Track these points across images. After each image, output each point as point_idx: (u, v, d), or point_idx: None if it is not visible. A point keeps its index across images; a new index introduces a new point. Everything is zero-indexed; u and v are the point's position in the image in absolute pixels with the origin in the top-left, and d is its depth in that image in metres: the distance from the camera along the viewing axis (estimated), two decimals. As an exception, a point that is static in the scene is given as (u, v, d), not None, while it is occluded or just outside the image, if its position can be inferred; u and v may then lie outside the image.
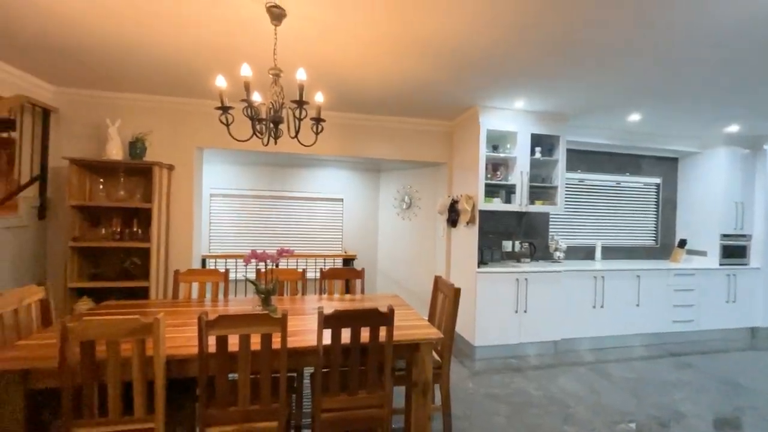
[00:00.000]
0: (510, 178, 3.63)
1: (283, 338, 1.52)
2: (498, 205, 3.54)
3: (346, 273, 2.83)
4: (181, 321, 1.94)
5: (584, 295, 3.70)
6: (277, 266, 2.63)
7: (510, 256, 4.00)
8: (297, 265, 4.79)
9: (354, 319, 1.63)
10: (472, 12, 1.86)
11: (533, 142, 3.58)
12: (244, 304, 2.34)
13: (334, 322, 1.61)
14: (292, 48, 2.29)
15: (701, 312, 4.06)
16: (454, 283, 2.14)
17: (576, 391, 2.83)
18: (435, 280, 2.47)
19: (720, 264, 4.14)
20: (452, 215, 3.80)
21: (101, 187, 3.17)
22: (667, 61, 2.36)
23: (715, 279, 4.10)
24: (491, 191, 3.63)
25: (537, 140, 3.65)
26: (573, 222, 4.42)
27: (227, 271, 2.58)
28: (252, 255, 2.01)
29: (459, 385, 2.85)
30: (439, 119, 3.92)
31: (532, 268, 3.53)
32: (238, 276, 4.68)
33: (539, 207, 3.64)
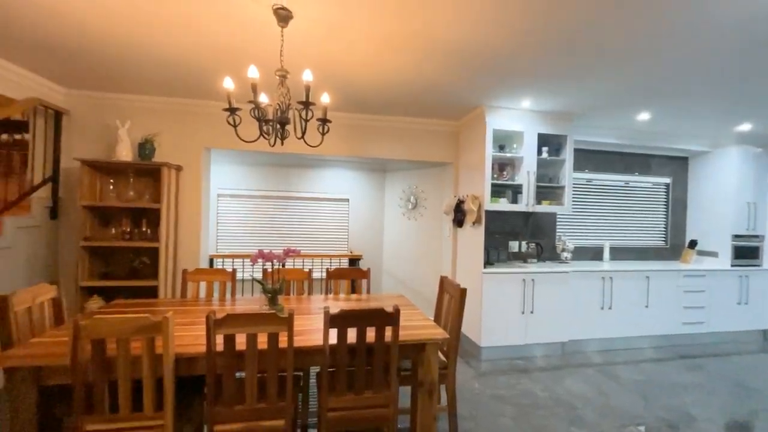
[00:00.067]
0: (516, 178, 3.60)
1: (290, 337, 1.54)
2: (504, 205, 3.53)
3: (352, 273, 2.84)
4: (189, 320, 1.96)
5: (592, 296, 3.66)
6: (284, 266, 2.64)
7: (516, 257, 3.97)
8: (303, 265, 4.82)
9: (360, 319, 1.63)
10: (480, 12, 1.85)
11: (540, 142, 3.56)
12: (251, 304, 2.36)
13: (340, 322, 1.61)
14: (299, 49, 2.31)
15: (712, 314, 3.99)
16: (460, 284, 2.14)
17: (583, 393, 2.80)
18: (441, 281, 2.46)
19: (731, 265, 4.07)
20: (458, 215, 3.79)
21: (111, 188, 3.22)
22: (677, 59, 2.33)
23: (727, 280, 4.03)
24: (498, 191, 3.61)
25: (544, 140, 3.62)
26: (581, 222, 4.38)
27: (234, 271, 2.61)
28: (259, 255, 2.02)
29: (465, 386, 2.84)
30: (445, 119, 3.91)
31: (539, 269, 3.50)
32: (245, 276, 4.72)
33: (546, 207, 3.62)
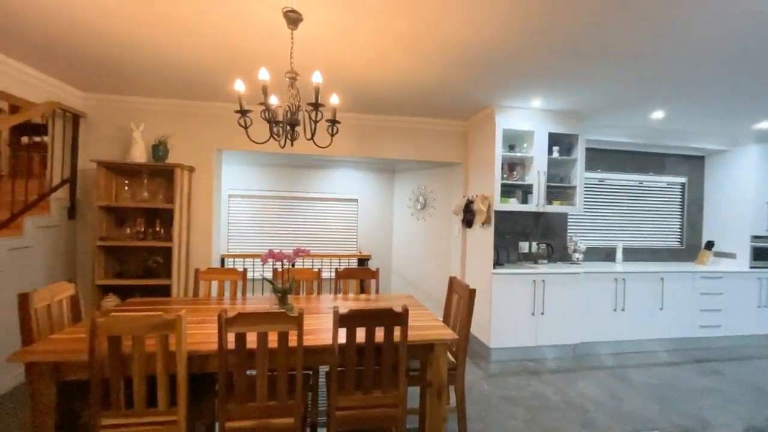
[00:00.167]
0: (527, 178, 3.57)
1: (300, 336, 1.55)
2: (514, 206, 3.50)
3: (361, 273, 2.85)
4: (201, 318, 2.00)
5: (604, 298, 3.60)
6: (294, 266, 2.66)
7: (527, 257, 3.93)
8: (313, 265, 4.86)
9: (369, 319, 1.64)
10: (489, 11, 1.84)
11: (551, 142, 3.52)
12: (262, 303, 2.39)
13: (349, 322, 1.62)
14: (309, 51, 2.33)
15: (730, 317, 3.89)
16: (470, 284, 2.13)
17: (595, 396, 2.76)
18: (450, 281, 2.46)
19: (750, 267, 3.95)
20: (467, 216, 3.77)
21: (126, 189, 3.30)
22: (691, 56, 2.28)
23: (746, 282, 3.92)
24: (507, 191, 3.58)
25: (555, 139, 3.58)
26: (593, 223, 4.31)
27: (245, 270, 2.64)
28: (269, 254, 2.05)
29: (474, 387, 2.82)
30: (454, 119, 3.90)
31: (550, 270, 3.46)
32: (256, 275, 4.78)
33: (557, 207, 3.57)
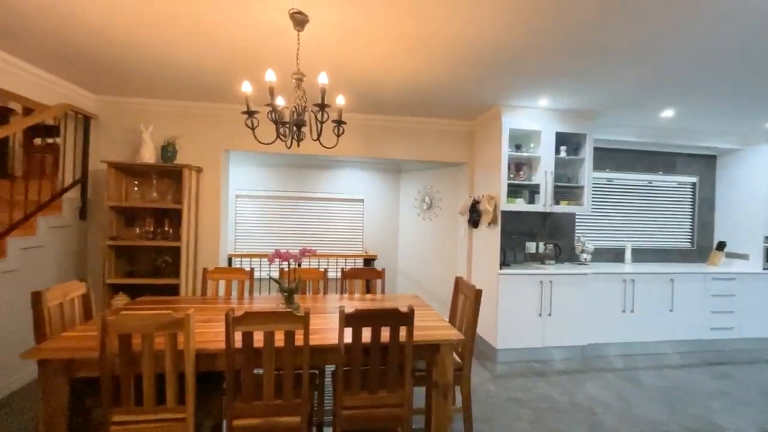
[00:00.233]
0: (534, 178, 3.54)
1: (306, 335, 1.56)
2: (521, 206, 3.47)
3: (367, 273, 2.86)
4: (209, 317, 2.02)
5: (613, 299, 3.56)
6: (300, 266, 2.69)
7: (534, 258, 3.90)
8: (319, 265, 4.88)
9: (374, 319, 1.64)
10: (494, 11, 1.83)
11: (558, 141, 3.49)
12: (269, 302, 2.41)
13: (355, 321, 1.63)
14: (314, 52, 2.34)
15: (742, 319, 3.82)
16: (476, 285, 2.12)
17: (603, 398, 2.73)
18: (456, 281, 2.45)
19: (763, 268, 3.87)
20: (474, 216, 3.76)
21: (136, 189, 3.35)
22: (702, 54, 2.24)
23: (759, 284, 3.84)
24: (514, 191, 3.56)
25: (562, 139, 3.55)
26: (601, 223, 4.27)
27: (252, 270, 2.66)
28: (276, 254, 2.06)
29: (480, 388, 2.81)
30: (460, 119, 3.88)
31: (557, 270, 3.43)
32: (263, 275, 4.81)
33: (564, 207, 3.54)
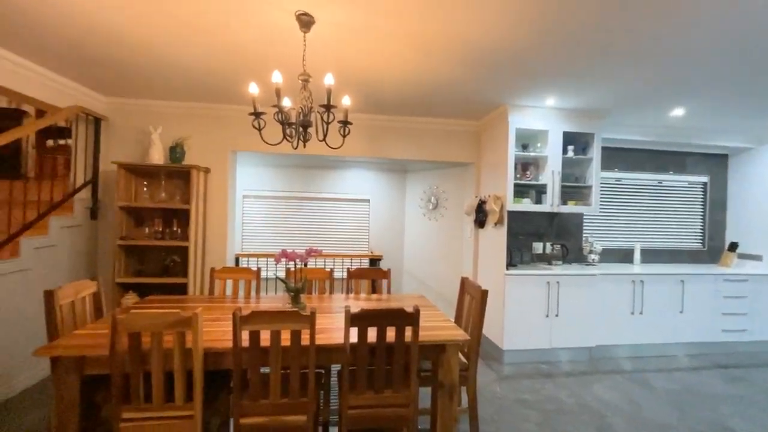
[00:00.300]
0: (541, 178, 3.52)
1: (312, 335, 1.57)
2: (528, 206, 3.45)
3: (373, 273, 2.86)
4: (217, 316, 2.04)
5: (621, 300, 3.52)
6: (306, 265, 2.70)
7: (541, 258, 3.87)
8: (325, 265, 4.90)
9: (380, 319, 1.65)
10: (499, 10, 1.82)
11: (566, 141, 3.46)
12: (275, 302, 2.42)
13: (361, 321, 1.63)
14: (320, 53, 2.35)
15: (755, 321, 3.74)
16: (482, 285, 2.12)
17: (612, 401, 2.69)
18: (462, 282, 2.44)
19: (777, 269, 3.80)
20: (480, 216, 3.74)
21: (145, 190, 3.40)
22: (713, 51, 2.20)
23: (772, 285, 3.77)
24: (521, 191, 3.54)
25: (570, 138, 3.52)
26: (609, 223, 4.22)
27: (259, 270, 2.68)
28: (282, 254, 2.08)
29: (487, 389, 2.80)
30: (467, 119, 3.87)
31: (564, 271, 3.40)
32: (269, 274, 4.85)
33: (572, 207, 3.51)
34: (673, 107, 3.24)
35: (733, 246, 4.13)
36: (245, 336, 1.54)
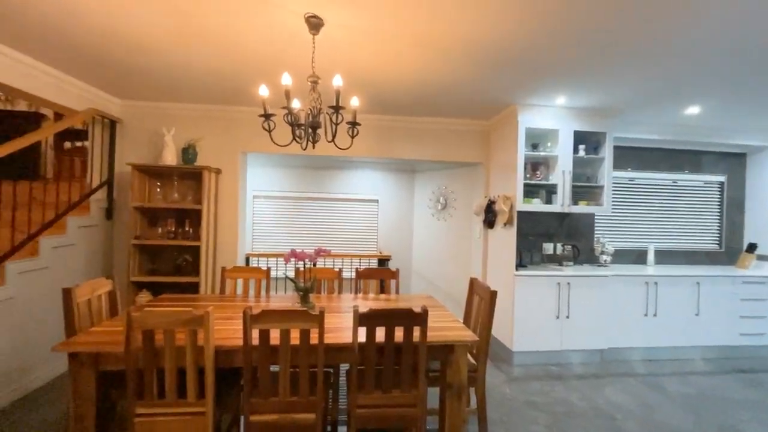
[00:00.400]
0: (551, 178, 3.48)
1: (321, 334, 1.58)
2: (538, 206, 3.41)
3: (381, 273, 2.87)
4: (228, 315, 2.07)
5: (634, 302, 3.45)
6: (315, 265, 2.72)
7: (551, 259, 3.83)
8: (333, 265, 4.92)
9: (388, 319, 1.65)
10: (509, 9, 1.81)
11: (577, 140, 3.41)
12: (285, 301, 2.45)
13: (369, 321, 1.64)
14: (328, 54, 2.37)
15: (775, 325, 3.64)
16: (491, 286, 2.10)
17: (624, 404, 2.65)
18: (470, 282, 2.43)
19: (798, 271, 3.69)
20: (489, 216, 3.72)
21: (158, 190, 3.47)
22: (729, 48, 2.15)
23: (793, 288, 3.65)
24: (531, 191, 3.50)
25: (581, 137, 3.47)
26: (622, 224, 4.14)
27: (269, 269, 2.71)
28: (291, 254, 2.10)
29: (496, 390, 2.78)
30: (475, 119, 3.85)
31: (575, 272, 3.35)
32: (279, 274, 4.89)
33: (583, 208, 3.46)
34: (688, 105, 3.17)
35: (752, 247, 4.01)
36: (255, 334, 1.56)
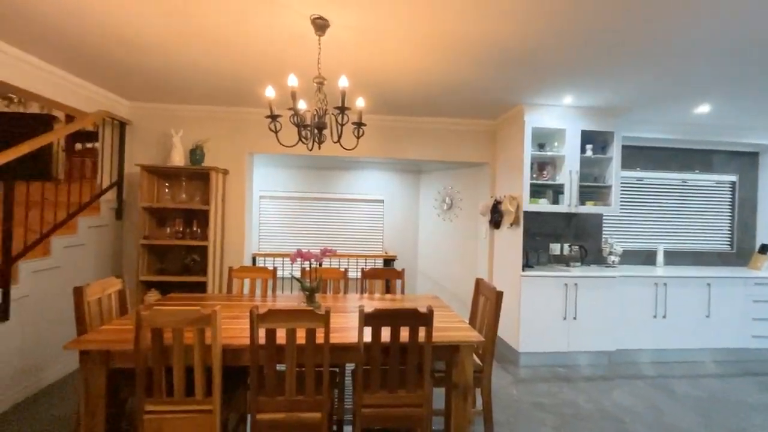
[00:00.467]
0: (558, 178, 3.45)
1: (326, 334, 1.59)
2: (544, 206, 3.39)
3: (387, 273, 2.87)
4: (235, 314, 2.09)
5: (643, 304, 3.41)
6: (321, 265, 2.73)
7: (558, 260, 3.80)
8: (339, 265, 4.93)
9: (394, 319, 1.65)
10: (514, 9, 1.80)
11: (584, 139, 3.38)
12: (291, 301, 2.46)
13: (375, 321, 1.64)
14: (334, 55, 2.38)
15: (789, 327, 3.56)
16: (497, 287, 2.09)
17: (633, 407, 2.62)
18: (476, 283, 2.42)
19: (813, 273, 3.61)
20: (495, 216, 3.70)
21: (167, 191, 3.51)
22: (740, 45, 2.11)
23: (807, 290, 3.58)
24: (537, 191, 3.48)
25: (588, 137, 3.44)
26: (630, 224, 4.09)
27: (275, 269, 2.73)
28: (298, 254, 2.11)
29: (502, 391, 2.76)
30: (481, 119, 3.83)
31: (583, 273, 3.32)
32: (285, 273, 4.92)
33: (590, 208, 3.43)
34: (698, 104, 3.12)
35: (765, 248, 3.93)
36: (262, 334, 1.57)
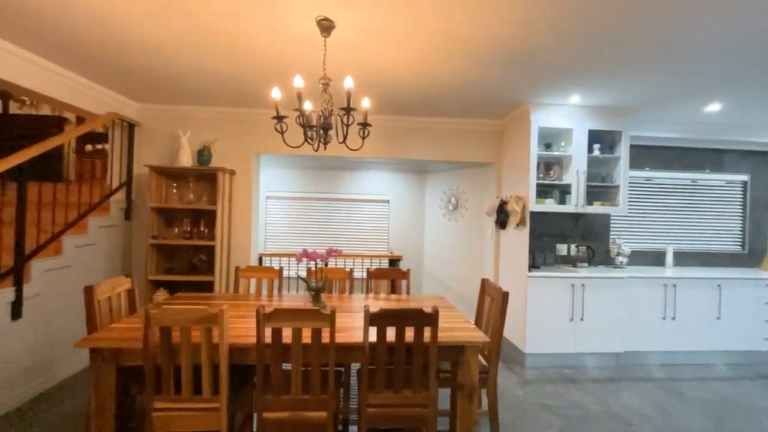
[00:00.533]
0: (565, 178, 3.42)
1: (332, 333, 1.60)
2: (551, 206, 3.36)
3: (392, 273, 2.87)
4: (242, 313, 2.11)
5: (652, 305, 3.37)
6: (326, 265, 2.75)
7: (565, 261, 3.77)
8: (345, 265, 4.95)
9: (399, 319, 1.65)
10: (520, 8, 1.79)
11: (591, 139, 3.35)
12: (297, 300, 2.48)
13: (380, 321, 1.65)
14: (339, 56, 2.39)
15: (802, 330, 3.49)
16: (504, 287, 2.08)
17: (641, 409, 2.59)
18: (482, 283, 2.41)
19: (828, 274, 3.53)
20: (501, 217, 3.68)
21: (174, 191, 3.55)
22: (740, 45, 2.07)
23: (821, 292, 3.50)
24: (544, 191, 3.45)
25: (596, 137, 3.41)
26: (639, 224, 4.04)
27: (281, 269, 2.75)
28: (303, 254, 2.12)
29: (508, 393, 2.75)
30: (487, 118, 3.82)
31: (590, 274, 3.29)
32: (291, 273, 4.95)
33: (598, 208, 3.39)
34: (708, 102, 3.07)
35: (777, 249, 3.87)
36: (268, 333, 1.59)
